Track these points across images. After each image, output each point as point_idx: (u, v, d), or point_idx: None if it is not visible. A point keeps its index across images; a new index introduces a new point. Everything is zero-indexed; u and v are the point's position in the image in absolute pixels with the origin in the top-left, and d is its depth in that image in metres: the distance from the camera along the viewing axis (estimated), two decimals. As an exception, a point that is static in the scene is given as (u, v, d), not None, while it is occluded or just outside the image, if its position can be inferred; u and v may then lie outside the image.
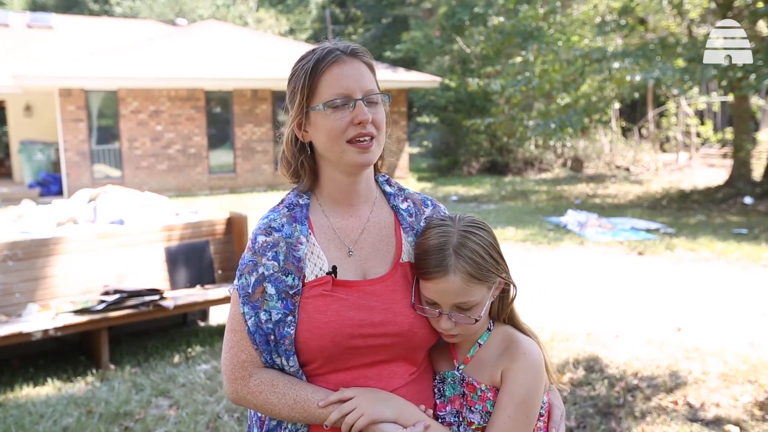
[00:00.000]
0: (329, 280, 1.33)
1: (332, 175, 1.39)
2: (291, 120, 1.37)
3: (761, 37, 11.63)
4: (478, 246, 1.35)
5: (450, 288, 1.33)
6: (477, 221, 1.40)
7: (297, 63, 1.37)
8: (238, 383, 1.34)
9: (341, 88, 1.30)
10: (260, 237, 1.35)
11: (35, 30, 19.10)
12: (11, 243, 4.68)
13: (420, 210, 1.48)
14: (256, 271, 1.33)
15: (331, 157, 1.35)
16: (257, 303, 1.32)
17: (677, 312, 5.57)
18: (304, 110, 1.34)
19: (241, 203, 13.33)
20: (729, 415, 3.58)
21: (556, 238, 9.04)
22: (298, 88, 1.33)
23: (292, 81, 1.37)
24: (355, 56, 1.34)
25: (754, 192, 12.38)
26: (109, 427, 3.69)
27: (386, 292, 1.36)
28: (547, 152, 19.44)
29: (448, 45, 21.16)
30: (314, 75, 1.31)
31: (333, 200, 1.41)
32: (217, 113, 16.21)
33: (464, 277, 1.33)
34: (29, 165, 15.76)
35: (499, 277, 1.40)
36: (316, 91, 1.31)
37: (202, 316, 5.81)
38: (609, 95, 15.05)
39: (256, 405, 1.33)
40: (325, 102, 1.30)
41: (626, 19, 13.68)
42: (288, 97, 1.39)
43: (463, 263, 1.33)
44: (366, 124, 1.30)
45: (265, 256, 1.33)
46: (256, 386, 1.33)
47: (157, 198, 6.85)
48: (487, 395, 1.36)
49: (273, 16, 33.64)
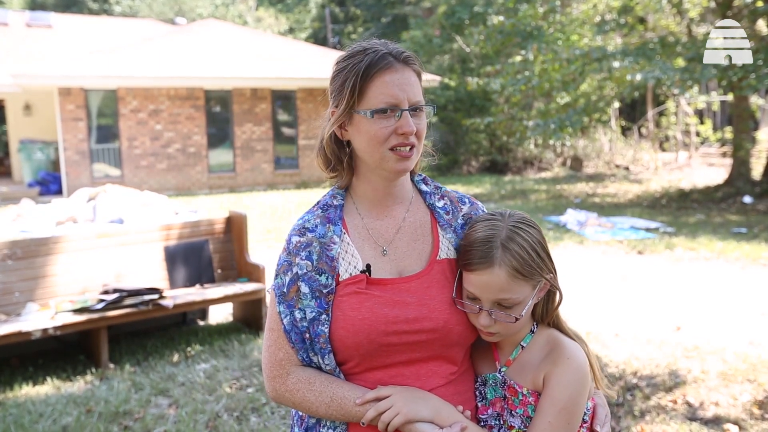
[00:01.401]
0: (363, 278, 1.34)
1: (369, 177, 1.40)
2: (335, 118, 1.35)
3: (761, 37, 11.64)
4: (527, 242, 1.33)
5: (493, 282, 1.31)
6: (527, 218, 1.39)
7: (346, 60, 1.35)
8: (276, 381, 1.36)
9: (390, 97, 1.29)
10: (294, 237, 1.38)
11: (34, 29, 19.09)
12: (11, 242, 4.68)
13: (457, 207, 1.48)
14: (291, 270, 1.35)
15: (370, 160, 1.36)
16: (292, 302, 1.34)
17: (677, 311, 5.57)
18: (349, 111, 1.33)
19: (240, 202, 13.32)
20: (728, 414, 3.58)
21: (556, 237, 9.04)
22: (348, 89, 1.31)
23: (339, 77, 1.35)
24: (406, 64, 1.34)
25: (754, 191, 12.38)
26: (109, 426, 3.69)
27: (421, 289, 1.35)
28: (547, 151, 19.45)
29: (448, 44, 21.16)
30: (365, 79, 1.30)
31: (368, 200, 1.42)
32: (217, 112, 16.20)
33: (509, 271, 1.31)
34: (29, 164, 15.75)
35: (544, 278, 1.36)
36: (365, 95, 1.30)
37: (201, 315, 5.81)
38: (609, 94, 15.06)
39: (295, 403, 1.35)
40: (373, 109, 1.30)
41: (626, 18, 13.68)
42: (332, 93, 1.37)
43: (509, 257, 1.31)
44: (410, 136, 1.31)
45: (298, 255, 1.35)
46: (293, 384, 1.35)
47: (156, 197, 6.85)
48: (528, 399, 1.34)
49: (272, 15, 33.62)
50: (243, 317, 5.62)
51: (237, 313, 5.76)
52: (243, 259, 5.49)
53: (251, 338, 5.17)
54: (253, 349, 4.90)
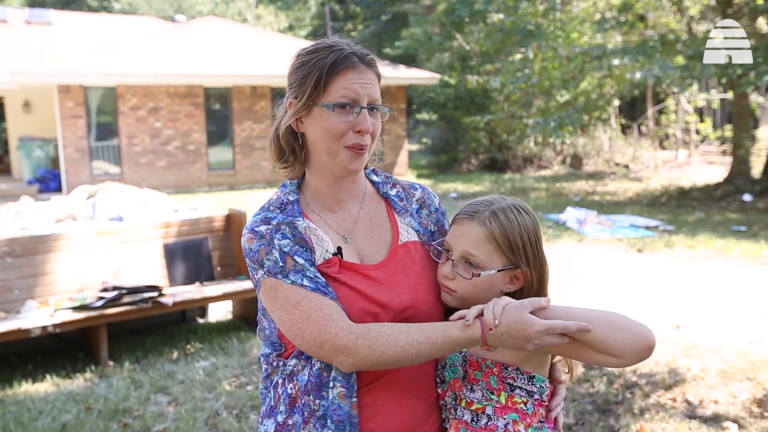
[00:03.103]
0: (336, 261, 1.35)
1: (322, 171, 1.41)
2: (294, 109, 1.36)
3: (761, 34, 11.63)
4: (517, 221, 1.37)
5: (468, 233, 1.37)
6: (529, 208, 1.43)
7: (310, 54, 1.36)
8: (341, 338, 1.24)
9: (351, 92, 1.33)
10: (260, 227, 1.34)
11: (34, 26, 19.05)
12: (10, 239, 4.68)
13: (410, 193, 1.53)
14: (274, 248, 1.31)
15: (323, 155, 1.37)
16: (296, 268, 1.30)
17: (676, 309, 5.57)
18: (308, 104, 1.34)
19: (239, 200, 13.32)
20: (727, 412, 3.59)
21: (556, 235, 9.04)
22: (311, 82, 1.33)
23: (301, 70, 1.36)
24: (369, 66, 1.37)
25: (753, 189, 12.38)
26: (108, 423, 3.69)
27: (388, 276, 1.38)
28: (547, 149, 19.44)
29: (448, 42, 21.14)
30: (329, 74, 1.32)
31: (321, 195, 1.43)
32: (216, 110, 16.19)
33: (487, 233, 1.35)
34: (28, 161, 15.74)
35: (520, 265, 1.37)
36: (327, 90, 1.33)
37: (200, 313, 5.81)
38: (608, 92, 15.05)
39: (371, 345, 1.23)
40: (334, 103, 1.32)
41: (626, 15, 13.67)
42: (293, 84, 1.38)
43: (494, 222, 1.36)
44: (365, 134, 1.34)
45: (274, 238, 1.32)
46: (360, 328, 1.25)
47: (155, 195, 6.84)
48: (492, 370, 1.35)
49: (272, 12, 33.58)
50: (242, 315, 5.62)
51: (236, 310, 5.76)
52: (242, 257, 5.49)
53: (250, 336, 5.17)
54: (253, 347, 4.90)
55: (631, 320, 1.25)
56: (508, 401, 1.34)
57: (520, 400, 1.34)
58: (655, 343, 1.23)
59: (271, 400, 1.41)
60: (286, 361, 1.38)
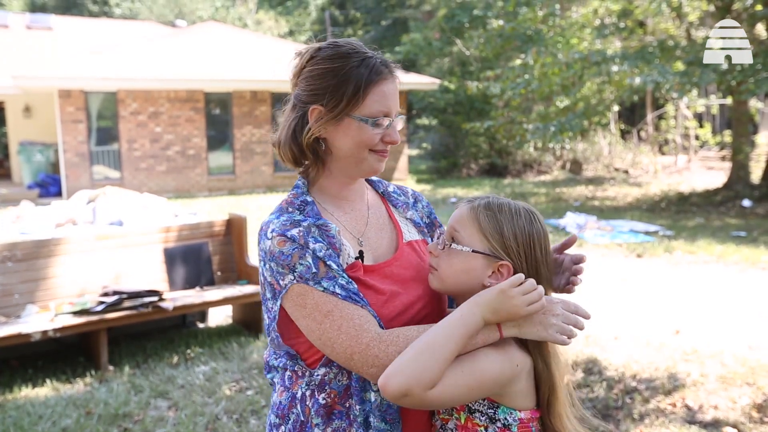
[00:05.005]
0: (360, 265, 1.36)
1: (336, 174, 1.42)
2: (326, 118, 1.34)
3: (760, 41, 11.66)
4: (509, 214, 1.36)
5: (458, 213, 1.39)
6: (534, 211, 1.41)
7: (337, 61, 1.33)
8: (372, 348, 1.22)
9: (385, 107, 1.35)
10: (292, 230, 1.30)
11: (35, 31, 19.09)
12: (10, 244, 4.68)
13: (404, 190, 1.60)
14: (308, 253, 1.28)
15: (349, 161, 1.38)
16: (329, 275, 1.27)
17: (676, 314, 5.57)
18: (341, 114, 1.33)
19: (240, 205, 13.33)
20: (727, 417, 3.59)
21: (555, 240, 9.01)
22: (346, 93, 1.32)
23: (330, 78, 1.33)
24: (394, 76, 1.38)
25: (753, 195, 12.39)
26: (108, 428, 3.69)
27: (402, 271, 1.41)
28: (546, 154, 19.46)
29: (448, 47, 21.19)
30: (366, 86, 1.32)
31: (332, 197, 1.44)
32: (217, 115, 16.21)
33: (472, 214, 1.36)
34: (28, 166, 15.75)
35: (504, 258, 1.34)
36: (362, 103, 1.32)
37: (200, 318, 5.81)
38: (608, 98, 15.07)
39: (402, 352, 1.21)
40: (371, 117, 1.33)
41: (625, 21, 13.70)
42: (319, 92, 1.34)
43: (483, 208, 1.37)
44: (395, 144, 1.39)
45: (308, 241, 1.29)
46: (389, 336, 1.24)
47: (155, 199, 6.85)
48: None
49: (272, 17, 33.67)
50: (242, 319, 5.62)
51: (236, 315, 5.76)
52: (242, 262, 5.50)
53: (250, 340, 5.17)
54: (253, 352, 4.90)
55: (408, 359, 1.18)
56: (468, 422, 1.33)
57: (480, 423, 1.32)
58: (387, 392, 1.17)
59: (299, 415, 1.35)
60: (313, 371, 1.34)
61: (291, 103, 1.42)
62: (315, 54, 1.37)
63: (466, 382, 1.22)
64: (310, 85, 1.36)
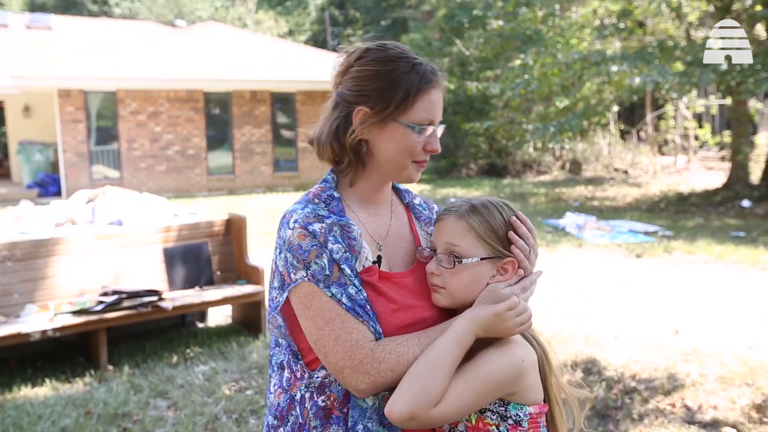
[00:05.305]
0: (376, 270, 1.34)
1: (372, 176, 1.40)
2: (372, 121, 1.32)
3: (759, 41, 11.67)
4: (497, 211, 1.37)
5: (446, 227, 1.36)
6: (510, 204, 1.41)
7: (387, 64, 1.32)
8: (365, 365, 1.23)
9: (431, 114, 1.34)
10: (315, 225, 1.29)
11: (34, 31, 19.09)
12: (10, 244, 4.68)
13: (429, 205, 1.57)
14: (325, 253, 1.27)
15: (390, 166, 1.36)
16: (341, 281, 1.26)
17: (675, 314, 5.58)
18: (388, 118, 1.32)
19: (239, 204, 13.33)
20: (726, 417, 3.59)
21: (555, 241, 9.05)
22: (396, 97, 1.30)
23: (380, 81, 1.31)
24: (441, 84, 1.37)
25: (752, 195, 12.40)
26: (108, 428, 3.69)
27: (416, 284, 1.39)
28: (546, 155, 19.47)
29: (447, 47, 21.19)
30: (416, 93, 1.31)
31: (360, 198, 1.41)
32: (216, 114, 16.21)
33: (465, 224, 1.35)
34: (28, 166, 15.75)
35: (505, 253, 1.35)
36: (411, 108, 1.31)
37: (200, 317, 5.81)
38: (607, 98, 15.09)
39: (393, 368, 1.23)
40: (417, 125, 1.32)
41: (625, 22, 13.72)
42: (366, 93, 1.32)
43: (472, 214, 1.35)
44: (435, 153, 1.38)
45: (328, 240, 1.28)
46: (382, 352, 1.24)
47: (155, 199, 6.85)
48: None
49: (272, 17, 33.67)
50: (242, 319, 5.62)
51: (236, 315, 5.76)
52: (242, 261, 5.50)
53: (250, 340, 5.17)
54: (252, 351, 4.90)
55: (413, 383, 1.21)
56: (479, 422, 1.32)
57: (491, 422, 1.31)
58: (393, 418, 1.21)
59: (298, 417, 1.35)
60: (313, 373, 1.33)
61: (333, 101, 1.38)
62: (364, 54, 1.35)
63: (471, 391, 1.23)
64: (358, 85, 1.34)
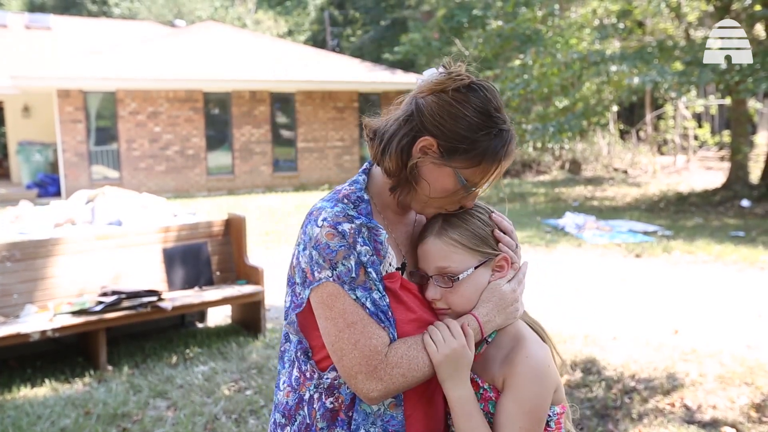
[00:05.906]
0: (398, 277, 1.32)
1: (416, 201, 1.37)
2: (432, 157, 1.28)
3: (758, 41, 11.68)
4: (475, 219, 1.36)
5: (429, 251, 1.34)
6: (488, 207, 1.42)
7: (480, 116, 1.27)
8: (379, 371, 1.22)
9: (483, 180, 1.32)
10: (344, 225, 1.26)
11: (33, 31, 19.09)
12: (9, 244, 4.68)
13: None
14: (353, 255, 1.25)
15: (421, 198, 1.33)
16: (366, 285, 1.25)
17: (674, 314, 5.58)
18: (449, 163, 1.28)
19: (239, 204, 13.33)
20: (725, 417, 3.59)
21: (554, 241, 9.05)
22: (466, 151, 1.27)
23: (461, 126, 1.26)
24: (513, 156, 1.35)
25: (752, 195, 12.41)
26: (107, 428, 3.69)
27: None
28: (545, 154, 19.48)
29: (447, 47, 21.18)
30: (487, 160, 1.28)
31: (390, 205, 1.40)
32: (216, 114, 16.21)
33: (447, 241, 1.33)
34: (27, 166, 15.75)
35: (495, 253, 1.36)
36: (475, 168, 1.28)
37: (199, 318, 5.81)
38: (607, 98, 15.10)
39: (405, 373, 1.24)
40: (471, 185, 1.30)
41: (624, 22, 13.72)
42: (442, 129, 1.27)
43: (449, 228, 1.34)
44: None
45: (357, 242, 1.26)
46: (394, 356, 1.24)
47: (154, 199, 6.85)
48: (489, 395, 1.33)
49: (271, 17, 33.66)
50: (241, 319, 5.62)
51: (235, 315, 5.76)
52: (242, 262, 5.50)
53: (249, 340, 5.17)
54: (251, 352, 4.90)
55: None
56: None
57: None
58: None
59: (305, 417, 1.34)
60: (323, 374, 1.32)
61: (411, 109, 1.32)
62: (463, 90, 1.30)
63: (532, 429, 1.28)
64: (442, 117, 1.28)
